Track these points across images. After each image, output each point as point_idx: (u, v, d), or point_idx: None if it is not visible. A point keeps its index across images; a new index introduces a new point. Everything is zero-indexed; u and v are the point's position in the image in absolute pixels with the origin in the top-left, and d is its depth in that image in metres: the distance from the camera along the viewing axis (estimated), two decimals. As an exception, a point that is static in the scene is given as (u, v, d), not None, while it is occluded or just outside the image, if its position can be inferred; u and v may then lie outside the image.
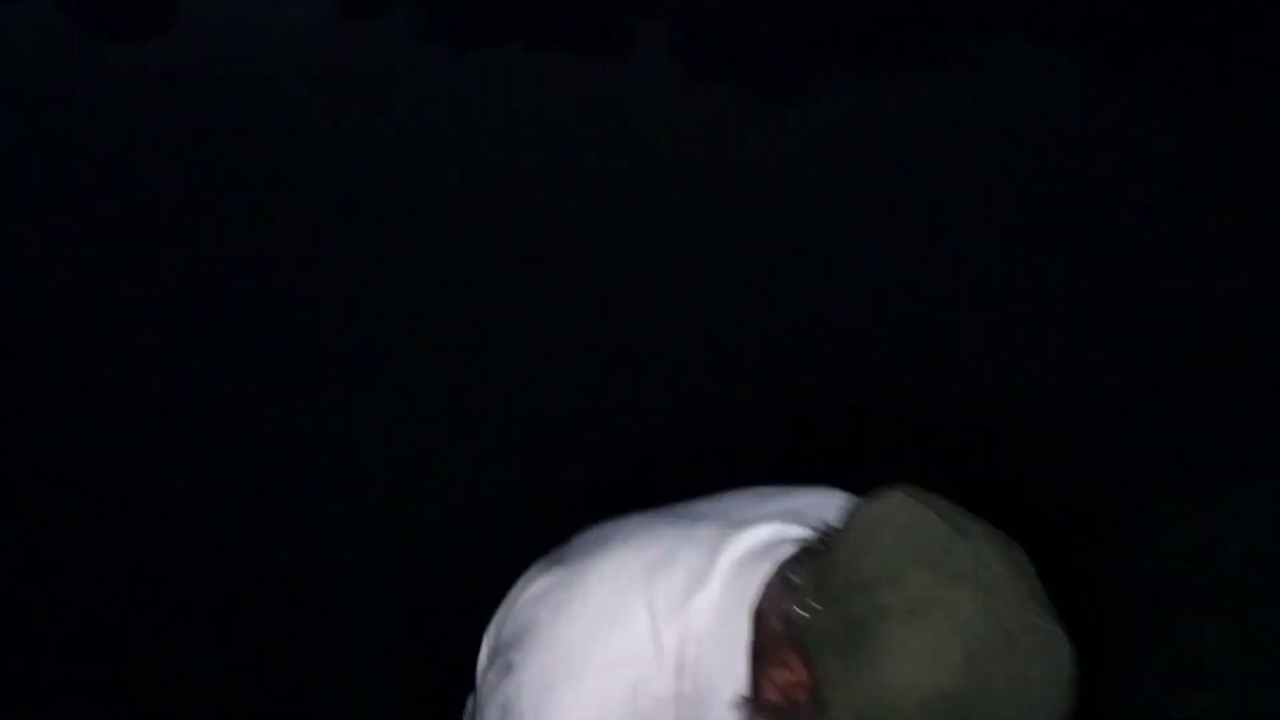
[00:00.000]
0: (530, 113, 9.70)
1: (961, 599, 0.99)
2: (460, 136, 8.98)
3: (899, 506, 1.05)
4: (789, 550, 1.12)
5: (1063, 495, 4.23)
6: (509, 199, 7.65)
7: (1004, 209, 7.29)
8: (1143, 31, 11.02)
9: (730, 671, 1.12)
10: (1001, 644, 0.98)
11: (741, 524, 1.20)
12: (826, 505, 1.22)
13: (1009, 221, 7.09)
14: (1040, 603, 1.02)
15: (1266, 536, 3.86)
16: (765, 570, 1.12)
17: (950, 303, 6.05)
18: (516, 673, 1.19)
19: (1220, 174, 7.62)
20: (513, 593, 1.28)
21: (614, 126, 9.23)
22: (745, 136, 9.09)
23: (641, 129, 9.18)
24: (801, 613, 1.05)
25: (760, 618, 1.11)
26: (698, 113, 9.75)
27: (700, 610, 1.15)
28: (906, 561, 1.01)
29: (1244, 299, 5.81)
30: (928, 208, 7.37)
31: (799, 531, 1.16)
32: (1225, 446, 4.44)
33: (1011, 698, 0.98)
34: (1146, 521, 3.98)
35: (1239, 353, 5.27)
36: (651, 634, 1.16)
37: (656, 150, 8.63)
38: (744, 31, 12.21)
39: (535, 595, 1.23)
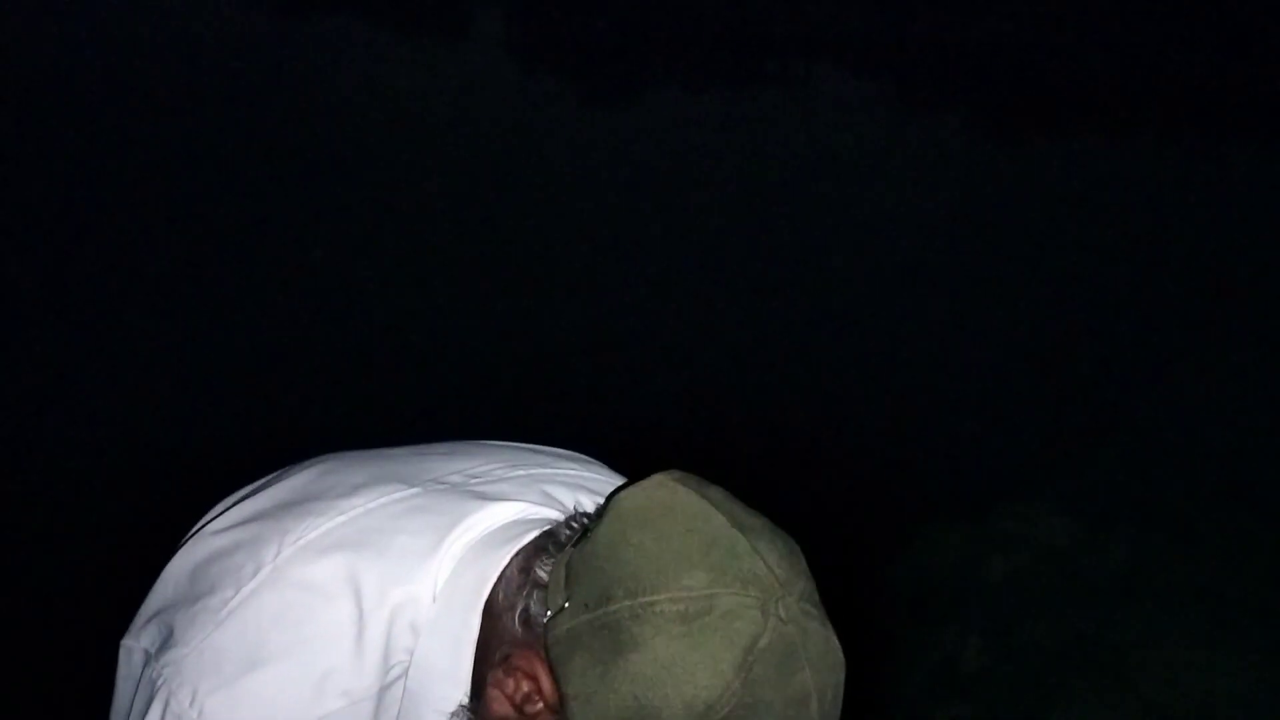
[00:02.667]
0: (358, 87, 9.51)
1: (740, 603, 0.87)
2: (285, 105, 8.74)
3: (670, 494, 0.91)
4: (534, 536, 0.97)
5: (836, 508, 4.37)
6: (324, 171, 7.48)
7: (808, 223, 7.51)
8: (954, 72, 11.53)
9: (453, 674, 0.97)
10: (780, 654, 0.87)
11: (483, 497, 1.02)
12: (587, 481, 1.07)
13: (811, 237, 7.30)
14: (816, 606, 0.91)
15: (1028, 557, 4.07)
16: (504, 557, 0.97)
17: (734, 313, 6.18)
18: (176, 645, 0.98)
19: (1016, 208, 8.02)
20: (190, 536, 1.05)
21: (442, 109, 9.14)
22: (571, 131, 9.12)
23: (469, 115, 9.11)
24: (547, 611, 0.91)
25: (493, 615, 0.95)
26: (527, 105, 9.74)
27: (419, 598, 0.97)
28: (679, 558, 0.88)
29: (1021, 332, 6.12)
30: (736, 215, 7.54)
31: (549, 514, 1.00)
32: (993, 470, 4.66)
33: (780, 709, 0.87)
34: (916, 537, 4.14)
35: (1009, 382, 5.54)
36: (354, 619, 0.97)
37: (481, 136, 8.58)
38: (581, 32, 12.25)
39: (216, 551, 1.02)
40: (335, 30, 11.43)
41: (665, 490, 0.91)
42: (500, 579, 0.96)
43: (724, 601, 0.86)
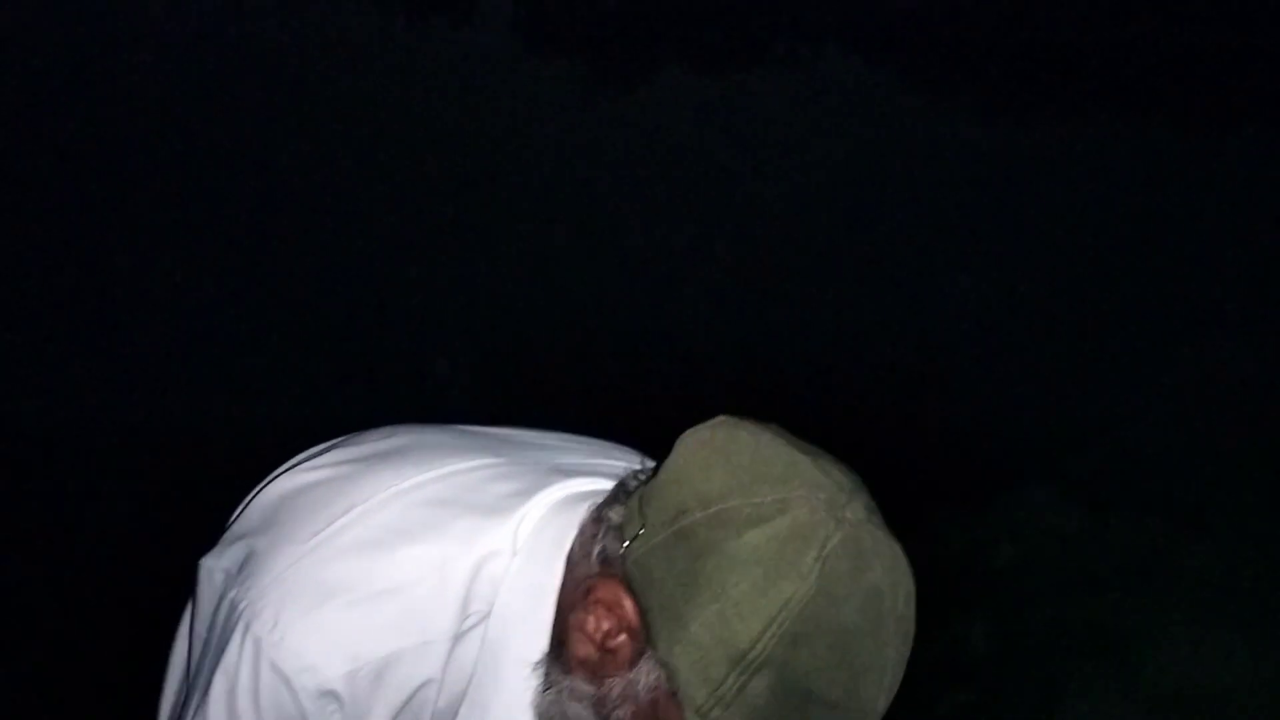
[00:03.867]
0: (363, 65, 9.48)
1: (810, 507, 0.90)
2: (289, 85, 8.71)
3: (733, 427, 0.95)
4: (609, 491, 1.00)
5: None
6: (327, 151, 7.46)
7: (816, 205, 7.48)
8: (961, 53, 11.47)
9: (535, 623, 0.99)
10: (851, 552, 0.90)
11: (564, 471, 1.06)
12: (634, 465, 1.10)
13: (818, 220, 7.28)
14: (880, 516, 0.95)
15: (1034, 543, 4.07)
16: (583, 512, 1.00)
17: (737, 298, 6.16)
18: (260, 571, 1.02)
19: (1020, 192, 7.99)
20: (281, 471, 1.10)
21: (448, 88, 9.11)
22: (576, 114, 9.09)
23: (475, 94, 9.08)
24: (624, 544, 0.94)
25: (572, 564, 0.98)
26: (532, 86, 9.70)
27: (501, 551, 1.00)
28: (748, 473, 0.92)
29: (1027, 316, 6.10)
30: (745, 197, 7.52)
31: (612, 485, 1.03)
32: (999, 457, 4.65)
33: (857, 604, 0.90)
34: (922, 524, 4.13)
35: (1016, 368, 5.53)
36: (436, 563, 1.00)
37: (486, 116, 8.55)
38: (588, 12, 12.20)
39: (307, 485, 1.06)
40: (341, 7, 11.39)
41: (727, 426, 0.96)
42: (579, 531, 0.99)
43: (795, 505, 0.90)
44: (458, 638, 1.01)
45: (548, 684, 0.98)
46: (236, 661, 1.01)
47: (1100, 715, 3.46)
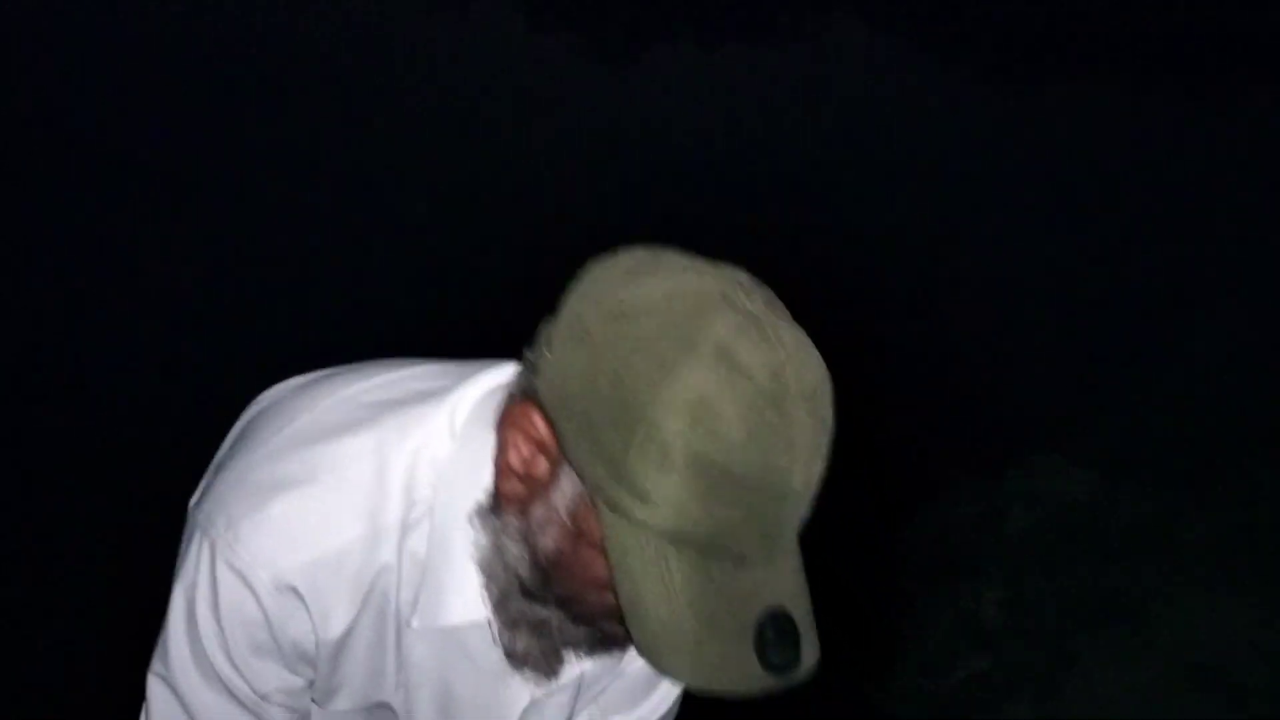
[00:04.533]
0: (362, 42, 9.44)
1: (708, 295, 0.91)
2: (286, 62, 8.68)
3: (631, 249, 0.96)
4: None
5: (851, 468, 4.37)
6: (327, 129, 7.44)
7: (823, 175, 7.45)
8: (968, 21, 11.39)
9: (474, 497, 1.01)
10: (752, 334, 0.90)
11: (492, 366, 1.08)
12: None
13: (825, 190, 7.25)
14: (783, 308, 0.95)
15: (1046, 511, 4.08)
16: (507, 393, 1.01)
17: (750, 262, 6.14)
18: (214, 483, 1.05)
19: (1029, 160, 7.96)
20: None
21: (448, 64, 9.08)
22: (580, 90, 9.05)
23: (476, 69, 9.05)
24: (536, 363, 0.95)
25: (499, 422, 0.99)
26: (534, 62, 9.66)
27: (439, 433, 1.03)
28: (642, 274, 0.93)
29: (1036, 284, 6.09)
30: (751, 170, 7.49)
31: None
32: (1010, 425, 4.64)
33: (763, 386, 0.89)
34: (933, 494, 4.14)
35: (1026, 335, 5.51)
36: (376, 449, 1.03)
37: (488, 91, 8.52)
38: (588, -14, 12.13)
39: (260, 410, 1.10)
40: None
41: (626, 249, 0.97)
42: (505, 396, 1.01)
43: (691, 295, 0.90)
44: (407, 526, 1.03)
45: (484, 535, 1.00)
46: (195, 569, 1.04)
47: (1113, 681, 3.48)
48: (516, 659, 1.05)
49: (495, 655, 1.09)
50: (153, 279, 5.70)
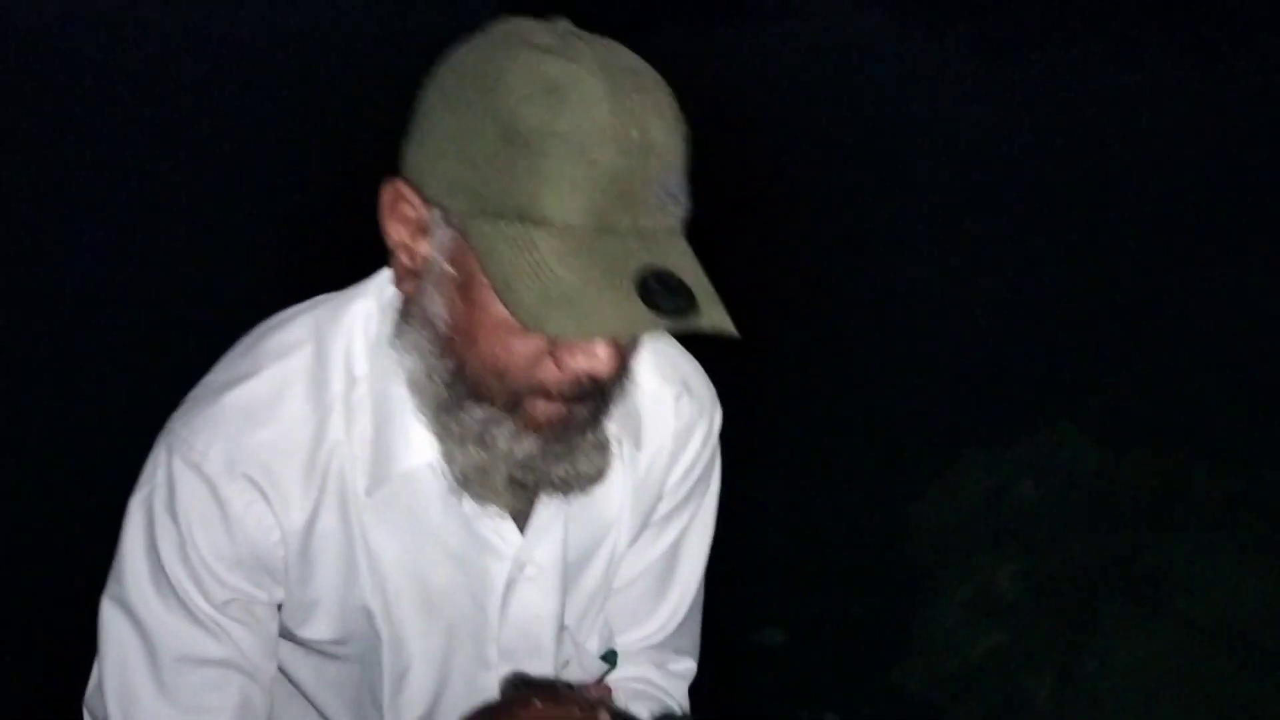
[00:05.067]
0: (350, 36, 9.40)
1: (530, 28, 0.97)
2: (272, 55, 8.65)
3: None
4: None
5: (859, 444, 4.34)
6: (312, 122, 7.41)
7: (816, 154, 7.43)
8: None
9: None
10: (599, 52, 0.96)
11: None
12: None
13: (821, 167, 7.23)
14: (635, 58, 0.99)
15: (1056, 482, 4.05)
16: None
17: (737, 252, 6.12)
18: (170, 422, 1.11)
19: (1022, 129, 7.92)
20: None
21: (432, 55, 9.03)
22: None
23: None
24: (401, 153, 1.01)
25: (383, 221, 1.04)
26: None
27: (371, 311, 1.10)
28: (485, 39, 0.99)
29: (1039, 252, 6.06)
30: (743, 151, 7.44)
31: None
32: (1016, 396, 4.62)
33: (617, 77, 0.94)
34: (943, 468, 4.11)
35: (1030, 304, 5.49)
36: (313, 328, 1.10)
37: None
38: (572, -28, 12.06)
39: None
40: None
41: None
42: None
43: (518, 29, 0.97)
44: (351, 403, 1.08)
45: (405, 351, 1.04)
46: (153, 474, 1.08)
47: (1131, 649, 3.45)
48: (473, 486, 1.05)
49: (462, 530, 1.11)
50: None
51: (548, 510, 1.15)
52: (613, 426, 1.11)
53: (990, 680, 3.48)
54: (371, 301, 1.10)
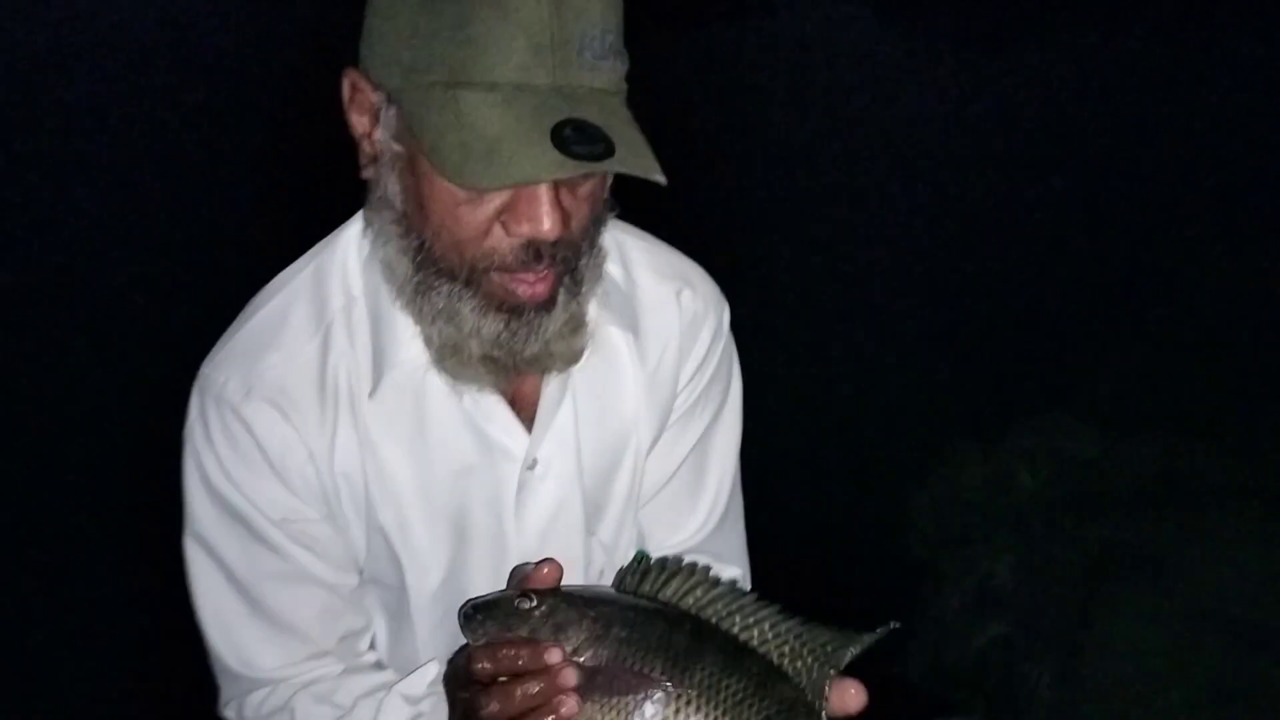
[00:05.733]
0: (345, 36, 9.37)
1: None
2: (274, 59, 8.61)
3: None
4: None
5: (854, 437, 4.33)
6: (309, 119, 7.37)
7: (803, 148, 7.42)
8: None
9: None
10: None
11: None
12: None
13: (807, 161, 7.22)
14: None
15: (1053, 470, 4.04)
16: None
17: (727, 247, 6.11)
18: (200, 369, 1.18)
19: (1010, 116, 7.92)
20: None
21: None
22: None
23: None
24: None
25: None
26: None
27: (359, 237, 1.16)
28: None
29: (1030, 241, 6.07)
30: (730, 148, 7.45)
31: None
32: (1011, 384, 4.61)
33: None
34: (939, 460, 4.10)
35: (1022, 293, 5.49)
36: (312, 257, 1.18)
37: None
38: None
39: None
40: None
41: None
42: None
43: None
44: (351, 318, 1.15)
45: (377, 239, 1.10)
46: (190, 413, 1.16)
47: (1132, 637, 3.44)
48: (449, 364, 1.10)
49: (468, 434, 1.15)
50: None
51: (551, 407, 1.17)
52: (608, 318, 1.16)
53: (992, 671, 3.47)
54: (360, 225, 1.15)
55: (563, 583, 1.01)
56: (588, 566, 1.23)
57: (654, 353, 1.24)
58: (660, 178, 0.97)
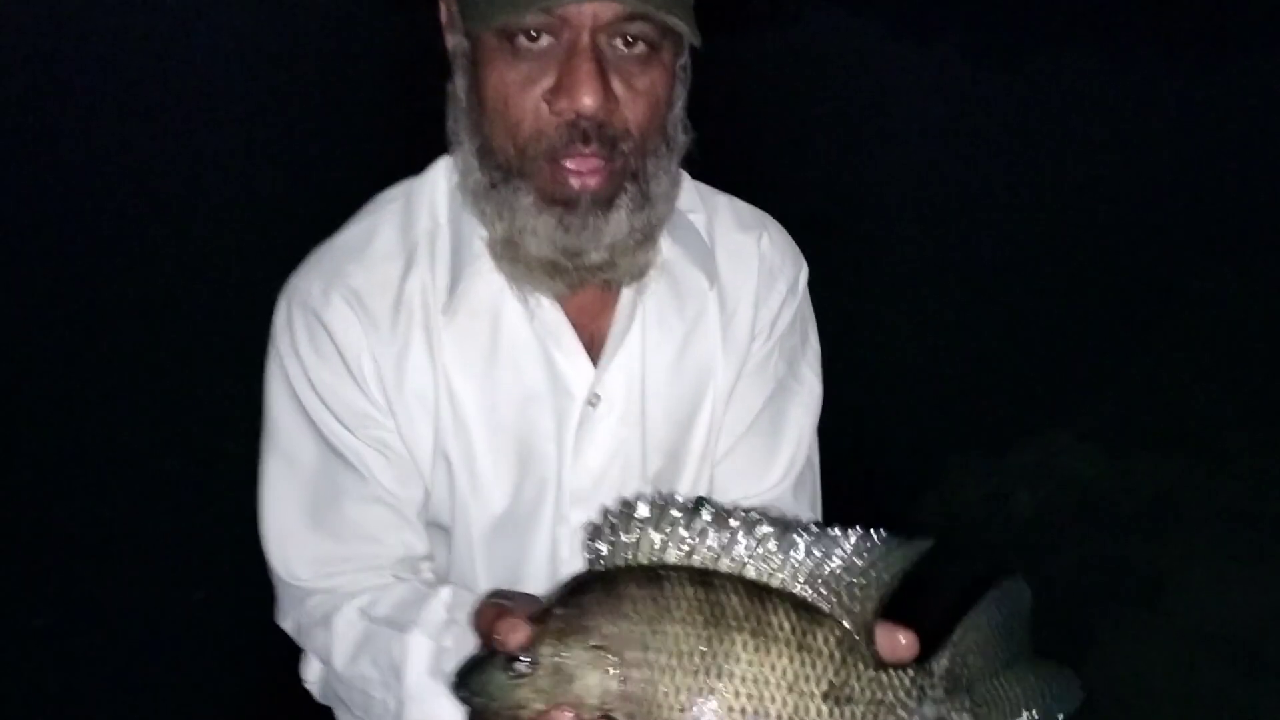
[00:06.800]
0: (345, 38, 9.40)
1: None
2: (271, 61, 8.63)
3: None
4: None
5: (855, 451, 4.31)
6: (313, 124, 7.39)
7: (810, 160, 7.41)
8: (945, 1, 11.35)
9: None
10: None
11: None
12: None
13: (815, 173, 7.21)
14: None
15: (1053, 490, 4.02)
16: None
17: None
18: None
19: (1018, 131, 7.91)
20: None
21: (429, 75, 9.02)
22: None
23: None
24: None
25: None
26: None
27: (448, 169, 1.21)
28: None
29: (1033, 259, 6.05)
30: (737, 158, 7.44)
31: None
32: (1011, 403, 4.59)
33: None
34: (939, 476, 4.09)
35: (1023, 312, 5.47)
36: (405, 185, 1.24)
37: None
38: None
39: None
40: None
41: None
42: None
43: None
44: (435, 240, 1.19)
45: (455, 142, 1.14)
46: (277, 327, 1.20)
47: (1132, 658, 3.43)
48: (506, 264, 1.13)
49: (537, 362, 1.16)
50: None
51: (619, 335, 1.18)
52: (689, 259, 1.18)
53: (989, 690, 3.45)
54: (450, 164, 1.19)
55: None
56: None
57: (732, 299, 1.25)
58: (692, 37, 1.05)
